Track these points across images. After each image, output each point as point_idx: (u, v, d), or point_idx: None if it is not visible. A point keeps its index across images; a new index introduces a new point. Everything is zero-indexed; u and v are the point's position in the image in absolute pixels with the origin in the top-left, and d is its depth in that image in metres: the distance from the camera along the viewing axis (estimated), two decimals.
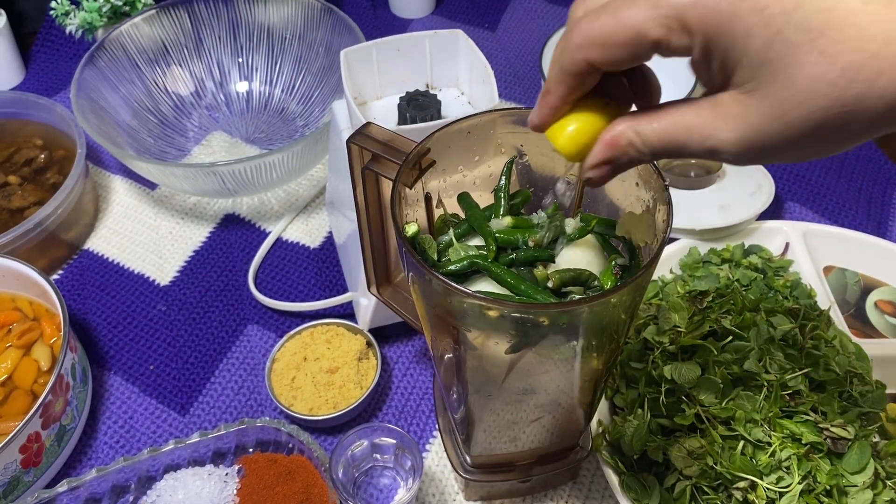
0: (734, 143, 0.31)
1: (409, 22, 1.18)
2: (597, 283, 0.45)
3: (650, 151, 0.34)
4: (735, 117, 0.31)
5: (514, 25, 1.17)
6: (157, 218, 0.90)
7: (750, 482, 0.56)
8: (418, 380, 0.74)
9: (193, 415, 0.72)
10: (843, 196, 0.91)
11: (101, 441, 0.70)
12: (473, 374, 0.49)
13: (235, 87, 1.01)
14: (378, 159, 0.51)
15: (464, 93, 0.70)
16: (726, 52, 0.30)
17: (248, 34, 1.01)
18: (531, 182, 0.53)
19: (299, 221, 0.89)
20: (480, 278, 0.45)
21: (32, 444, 0.62)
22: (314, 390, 0.69)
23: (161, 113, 0.97)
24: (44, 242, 0.80)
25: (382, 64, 0.68)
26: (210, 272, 0.84)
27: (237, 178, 0.81)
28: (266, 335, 0.78)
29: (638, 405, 0.62)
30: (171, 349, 0.77)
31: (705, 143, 0.32)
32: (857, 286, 0.79)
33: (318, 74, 0.98)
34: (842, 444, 0.57)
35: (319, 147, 0.82)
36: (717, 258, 0.78)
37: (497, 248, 0.46)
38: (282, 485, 0.61)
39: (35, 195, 0.85)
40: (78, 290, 0.83)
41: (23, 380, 0.69)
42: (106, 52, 0.92)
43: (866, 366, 0.64)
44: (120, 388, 0.74)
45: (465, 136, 0.49)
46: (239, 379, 0.74)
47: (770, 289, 0.73)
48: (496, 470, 0.61)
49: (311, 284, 0.83)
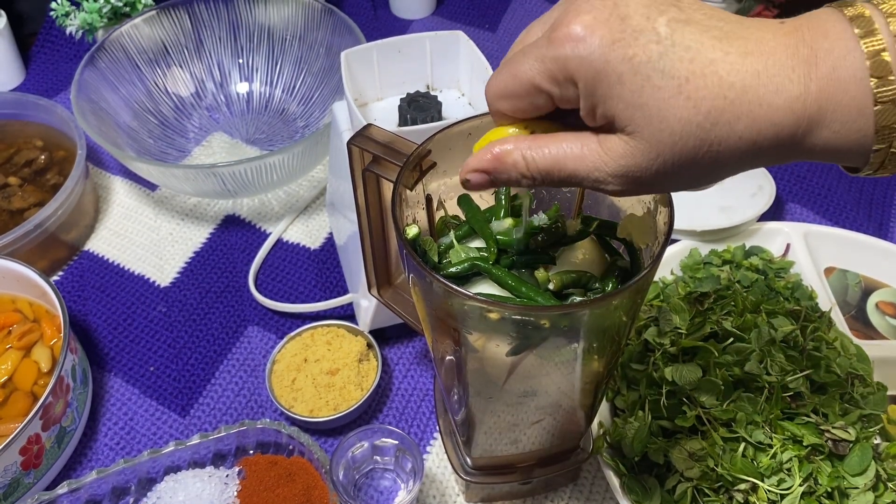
0: (617, 178, 0.34)
1: (410, 23, 1.18)
2: (598, 285, 0.45)
3: (538, 175, 0.36)
4: (620, 156, 0.34)
5: (514, 26, 1.17)
6: (158, 219, 0.90)
7: (751, 484, 0.56)
8: (419, 381, 0.74)
9: (194, 416, 0.72)
10: (844, 197, 0.91)
11: (101, 443, 0.70)
12: (474, 376, 0.49)
13: (236, 88, 1.01)
14: (379, 161, 0.51)
15: (464, 94, 0.69)
16: (605, 98, 0.32)
17: (249, 35, 1.01)
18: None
19: (300, 222, 0.89)
20: (481, 280, 0.45)
21: (33, 446, 0.62)
22: (315, 392, 0.69)
23: (161, 114, 0.97)
24: (44, 244, 0.80)
25: (383, 65, 0.67)
26: (210, 273, 0.84)
27: (237, 180, 0.80)
28: (266, 336, 0.78)
29: (639, 407, 0.62)
30: (172, 350, 0.77)
31: (591, 174, 0.35)
32: (858, 287, 0.79)
33: (319, 75, 0.98)
34: (843, 445, 0.57)
35: (320, 148, 0.82)
36: (718, 259, 0.78)
37: (498, 250, 0.46)
38: (282, 486, 0.61)
39: (35, 196, 0.85)
40: (78, 292, 0.83)
41: (23, 381, 0.69)
42: (106, 53, 0.92)
43: (867, 367, 0.64)
44: (120, 390, 0.74)
45: (465, 138, 0.49)
46: (239, 380, 0.74)
47: (771, 290, 0.73)
48: (497, 472, 0.61)
49: (312, 286, 0.82)
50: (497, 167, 0.37)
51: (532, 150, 0.36)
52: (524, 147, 0.36)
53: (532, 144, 0.36)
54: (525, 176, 0.36)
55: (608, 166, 0.34)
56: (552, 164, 0.35)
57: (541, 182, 0.36)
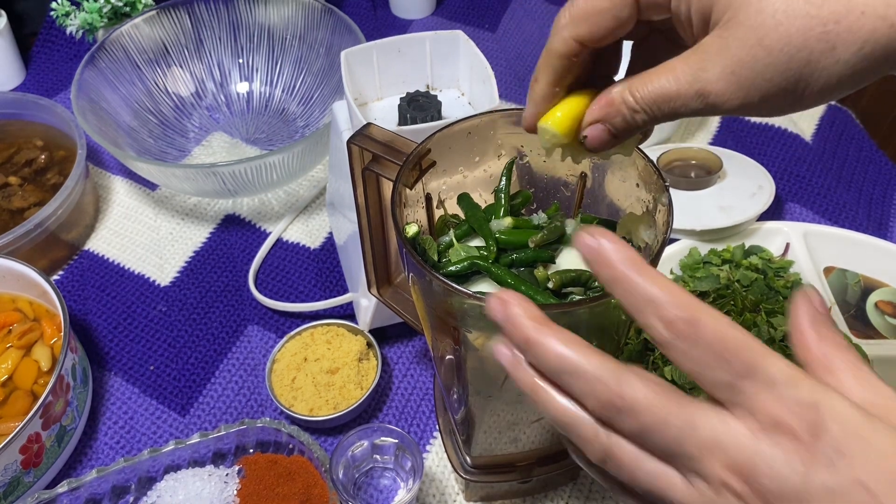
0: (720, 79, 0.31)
1: (410, 23, 1.18)
2: (597, 283, 0.45)
3: (647, 106, 0.34)
4: (717, 52, 0.31)
5: (514, 26, 1.17)
6: (158, 218, 0.90)
7: None
8: (419, 380, 0.74)
9: (194, 415, 0.72)
10: (844, 197, 0.91)
11: (101, 442, 0.70)
12: (474, 374, 0.49)
13: (236, 88, 1.02)
14: (378, 160, 0.51)
15: (464, 93, 0.70)
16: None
17: (249, 35, 1.01)
18: (532, 183, 0.53)
19: (300, 222, 0.89)
20: (481, 279, 0.45)
21: (33, 445, 0.62)
22: (314, 391, 0.69)
23: (161, 114, 0.97)
24: (44, 243, 0.80)
25: (383, 65, 0.68)
26: (210, 273, 0.84)
27: (237, 179, 0.81)
28: (266, 336, 0.78)
29: None
30: (172, 350, 0.77)
31: (694, 85, 0.32)
32: (858, 287, 0.79)
33: (319, 75, 0.98)
34: None
35: (320, 148, 0.83)
36: (718, 259, 0.78)
37: (498, 249, 0.46)
38: (282, 485, 0.61)
39: (35, 196, 0.85)
40: (78, 291, 0.83)
41: (23, 380, 0.69)
42: (106, 53, 0.92)
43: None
44: (120, 389, 0.74)
45: (465, 137, 0.49)
46: (239, 380, 0.74)
47: (770, 289, 0.73)
48: (496, 471, 0.61)
49: (312, 285, 0.83)
50: (609, 111, 0.36)
51: (635, 86, 0.34)
52: (627, 86, 0.35)
53: (633, 82, 0.35)
54: (636, 111, 0.35)
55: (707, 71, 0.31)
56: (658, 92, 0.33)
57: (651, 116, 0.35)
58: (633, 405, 0.29)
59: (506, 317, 0.32)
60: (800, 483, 0.26)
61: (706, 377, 0.29)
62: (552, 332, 0.31)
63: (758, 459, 0.27)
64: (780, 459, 0.26)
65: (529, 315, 0.31)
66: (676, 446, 0.29)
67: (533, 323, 0.31)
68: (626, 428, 0.29)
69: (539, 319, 0.31)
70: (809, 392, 0.27)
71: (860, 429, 0.26)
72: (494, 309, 0.32)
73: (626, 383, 0.29)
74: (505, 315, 0.32)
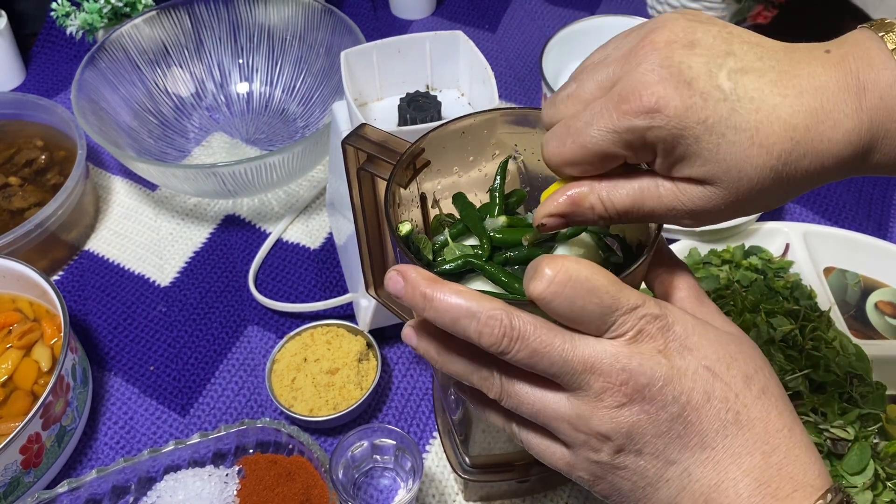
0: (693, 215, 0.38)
1: (410, 23, 1.18)
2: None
3: (615, 215, 0.38)
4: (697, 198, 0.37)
5: (514, 26, 1.17)
6: (158, 219, 0.90)
7: None
8: (418, 381, 0.74)
9: (194, 416, 0.72)
10: (844, 197, 0.91)
11: (101, 442, 0.71)
12: None
13: (236, 88, 1.02)
14: (373, 160, 0.51)
15: (464, 94, 0.70)
16: (683, 156, 0.36)
17: (249, 35, 1.01)
18: (527, 181, 0.53)
19: (300, 222, 0.89)
20: (475, 277, 0.45)
21: (33, 445, 0.62)
22: (314, 391, 0.69)
23: (161, 114, 0.97)
24: (44, 243, 0.81)
25: (383, 65, 0.68)
26: (210, 273, 0.84)
27: (237, 179, 0.81)
28: (266, 336, 0.78)
29: None
30: (172, 350, 0.77)
31: (669, 213, 0.38)
32: (858, 287, 0.79)
33: (319, 75, 0.98)
34: (842, 445, 0.57)
35: (320, 148, 0.83)
36: (718, 259, 0.78)
37: (492, 248, 0.46)
38: (282, 486, 0.61)
39: (35, 196, 0.85)
40: (78, 291, 0.83)
41: (23, 381, 0.69)
42: (106, 54, 0.92)
43: (866, 367, 0.64)
44: (120, 389, 0.74)
45: (459, 137, 0.49)
46: (239, 380, 0.75)
47: (770, 290, 0.73)
48: (495, 470, 0.61)
49: (312, 285, 0.83)
50: (574, 210, 0.39)
51: (608, 192, 0.38)
52: (600, 189, 0.38)
53: (607, 187, 0.38)
54: (602, 217, 0.39)
55: (685, 206, 0.37)
56: (630, 205, 0.38)
57: (616, 220, 0.39)
58: (522, 333, 0.35)
59: (404, 282, 0.36)
60: (666, 371, 0.35)
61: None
62: (446, 286, 0.36)
63: (631, 363, 0.35)
64: (647, 358, 0.35)
65: (424, 276, 0.36)
66: (561, 363, 0.35)
67: (427, 282, 0.36)
68: (519, 356, 0.35)
69: (433, 278, 0.36)
70: (657, 307, 0.36)
71: (695, 329, 0.37)
72: (392, 280, 0.37)
73: (515, 317, 0.35)
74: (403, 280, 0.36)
